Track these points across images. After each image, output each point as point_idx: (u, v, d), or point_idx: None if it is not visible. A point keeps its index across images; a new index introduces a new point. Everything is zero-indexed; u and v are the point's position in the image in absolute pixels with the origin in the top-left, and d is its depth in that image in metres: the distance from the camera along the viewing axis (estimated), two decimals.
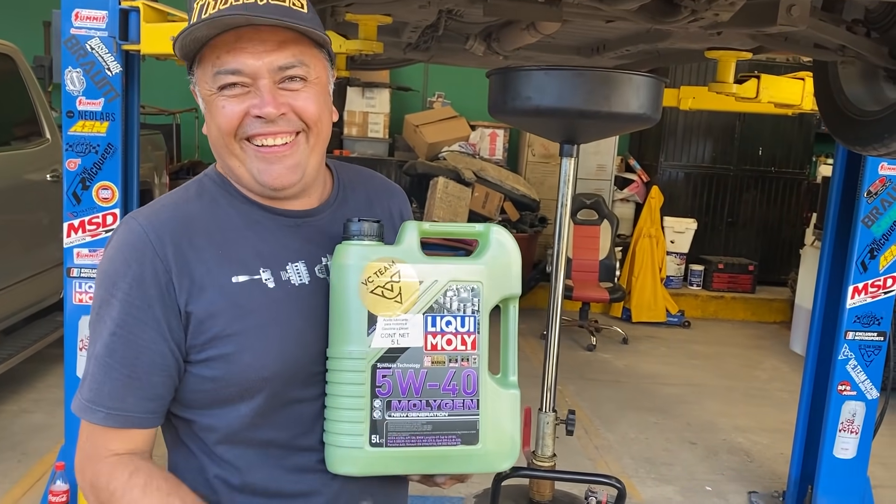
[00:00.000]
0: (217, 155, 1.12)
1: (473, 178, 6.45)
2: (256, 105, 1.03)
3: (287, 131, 1.06)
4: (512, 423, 1.10)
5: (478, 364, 1.07)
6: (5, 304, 3.67)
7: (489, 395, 1.07)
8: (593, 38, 2.67)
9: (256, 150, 1.06)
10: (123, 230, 1.06)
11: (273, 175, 1.06)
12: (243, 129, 1.05)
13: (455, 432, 1.06)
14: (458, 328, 1.06)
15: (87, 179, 2.74)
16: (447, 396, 1.06)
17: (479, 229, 1.11)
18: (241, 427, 1.07)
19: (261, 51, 1.02)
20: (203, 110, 1.09)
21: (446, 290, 1.06)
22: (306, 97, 1.06)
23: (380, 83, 6.78)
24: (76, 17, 2.65)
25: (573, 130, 1.52)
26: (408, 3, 1.77)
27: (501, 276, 1.09)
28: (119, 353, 1.02)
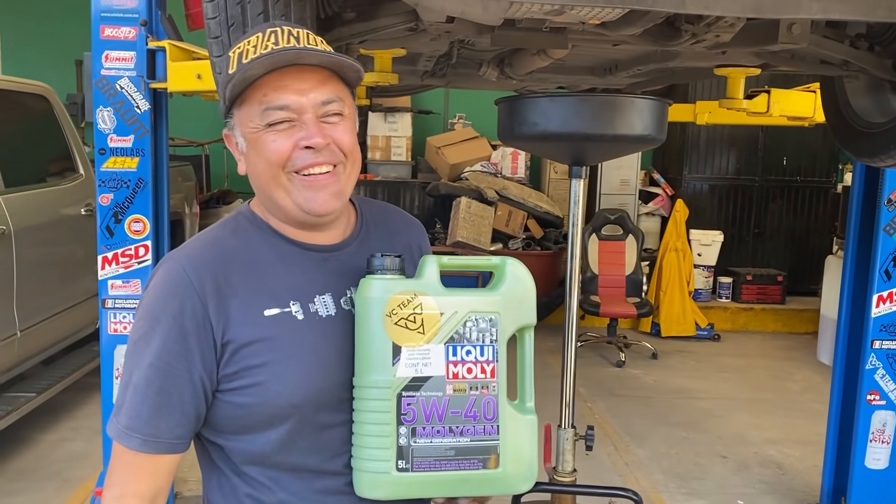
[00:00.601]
0: (261, 189, 1.18)
1: (496, 196, 6.50)
2: (304, 137, 1.11)
3: (330, 161, 1.13)
4: (530, 447, 1.15)
5: (497, 391, 1.12)
6: (45, 336, 3.80)
7: (508, 420, 1.12)
8: (605, 58, 2.71)
9: (303, 180, 1.13)
10: (165, 268, 1.14)
11: (319, 202, 1.13)
12: (292, 161, 1.12)
13: (477, 457, 1.11)
14: (477, 357, 1.11)
15: (119, 213, 2.85)
16: (469, 423, 1.11)
17: (495, 262, 1.16)
18: (272, 451, 1.13)
19: (305, 88, 1.11)
20: (242, 149, 1.17)
21: (466, 321, 1.11)
22: (344, 130, 1.15)
23: (401, 107, 6.88)
24: (106, 58, 2.78)
25: (580, 153, 1.56)
26: (419, 37, 1.84)
27: (517, 306, 1.14)
28: (156, 383, 1.09)
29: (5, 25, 7.40)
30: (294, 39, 1.12)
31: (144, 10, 2.75)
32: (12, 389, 3.62)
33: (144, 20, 2.74)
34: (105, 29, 2.77)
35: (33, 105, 4.19)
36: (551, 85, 3.69)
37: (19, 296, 3.50)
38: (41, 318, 3.72)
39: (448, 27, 1.67)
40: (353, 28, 1.70)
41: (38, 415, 3.93)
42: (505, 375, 1.13)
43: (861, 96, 2.01)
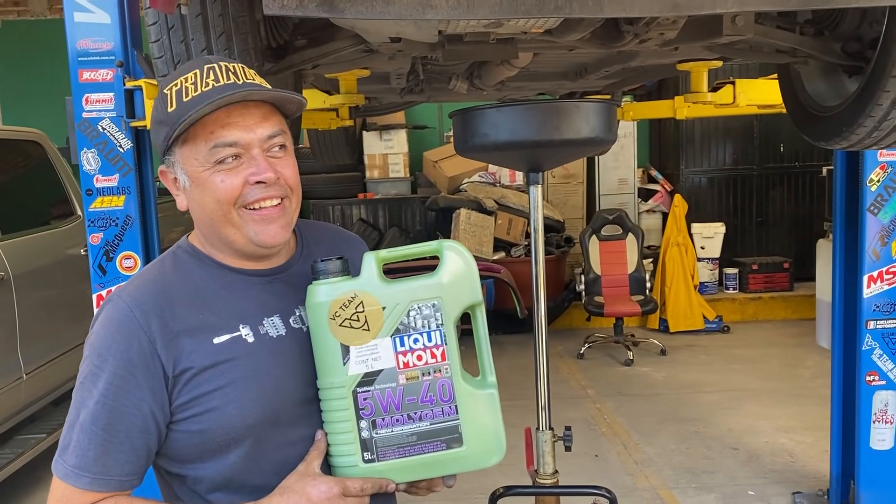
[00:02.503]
0: (207, 226, 1.19)
1: (495, 206, 6.53)
2: (255, 172, 1.14)
3: (279, 195, 1.16)
4: (494, 421, 1.18)
5: (450, 373, 1.16)
6: (51, 377, 3.86)
7: (466, 399, 1.16)
8: (572, 63, 2.75)
9: (253, 214, 1.16)
10: (110, 307, 1.15)
11: (270, 234, 1.17)
12: (243, 197, 1.15)
13: (439, 438, 1.16)
14: (425, 343, 1.15)
15: (110, 251, 2.90)
16: (426, 407, 1.15)
17: (432, 247, 1.19)
18: (234, 474, 1.16)
19: (251, 124, 1.14)
20: (184, 186, 1.18)
21: (409, 311, 1.15)
22: (287, 164, 1.18)
23: (396, 125, 6.94)
24: (86, 101, 2.84)
25: (533, 160, 1.59)
26: (376, 57, 1.88)
27: (459, 287, 1.16)
28: (103, 420, 1.09)
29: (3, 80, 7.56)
30: (233, 75, 1.14)
31: (120, 51, 2.81)
32: (23, 432, 3.68)
33: (121, 61, 2.80)
34: (83, 73, 2.83)
35: (28, 151, 4.28)
36: (530, 92, 3.73)
37: (23, 339, 3.57)
38: (46, 359, 3.79)
39: (397, 46, 1.71)
40: (305, 54, 1.74)
41: (50, 455, 3.98)
42: (457, 356, 1.16)
43: (816, 81, 2.02)
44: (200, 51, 1.44)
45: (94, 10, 2.79)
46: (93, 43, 2.83)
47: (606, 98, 3.74)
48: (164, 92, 1.17)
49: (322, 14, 1.13)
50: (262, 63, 1.52)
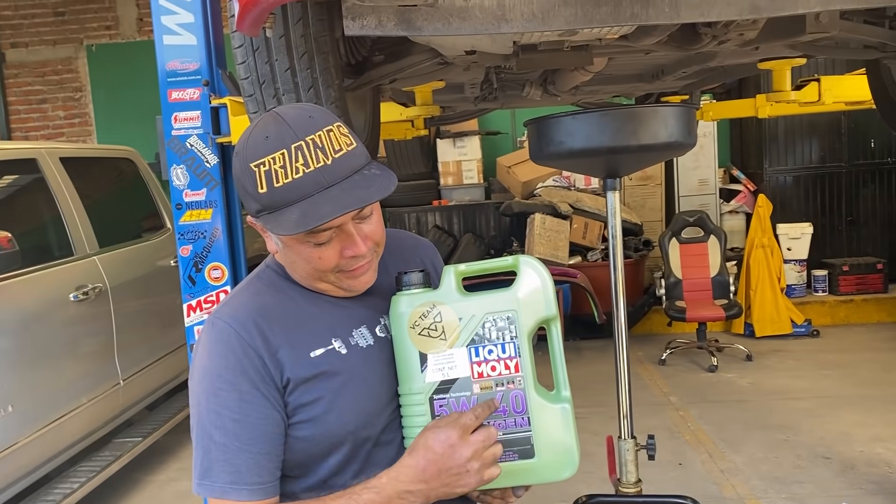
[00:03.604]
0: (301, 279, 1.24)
1: (570, 210, 6.48)
2: (349, 248, 1.18)
3: (369, 259, 1.22)
4: (566, 435, 1.18)
5: (524, 385, 1.18)
6: (146, 383, 4.05)
7: (539, 411, 1.18)
8: (648, 65, 2.71)
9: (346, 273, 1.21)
10: (213, 331, 1.20)
11: (361, 285, 1.24)
12: (338, 266, 1.20)
13: (511, 449, 1.18)
14: (499, 355, 1.18)
15: (199, 262, 3.03)
16: (499, 417, 1.18)
17: (509, 262, 1.22)
18: (328, 475, 1.22)
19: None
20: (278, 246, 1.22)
21: (484, 322, 1.18)
22: (375, 224, 1.21)
23: (469, 131, 6.98)
24: (175, 119, 2.98)
25: (610, 166, 1.58)
26: (451, 70, 1.91)
27: (534, 301, 1.19)
28: (246, 436, 1.15)
29: (97, 101, 7.98)
30: (321, 153, 1.11)
31: (206, 71, 2.94)
32: (120, 435, 3.87)
33: (207, 80, 2.93)
34: (172, 92, 2.98)
35: (122, 168, 4.51)
36: (605, 96, 3.70)
37: (119, 347, 3.75)
38: (141, 366, 3.97)
39: (472, 58, 1.73)
40: (383, 70, 1.78)
41: (146, 458, 4.17)
42: (531, 369, 1.18)
43: None
44: (284, 70, 1.49)
45: (181, 32, 2.92)
46: (181, 63, 2.96)
47: (684, 98, 3.67)
48: (251, 168, 1.13)
49: (401, 32, 1.17)
50: (342, 80, 1.57)
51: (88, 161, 4.15)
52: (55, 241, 3.59)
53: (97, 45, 7.95)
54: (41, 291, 3.29)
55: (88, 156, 4.27)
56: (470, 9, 1.12)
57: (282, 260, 1.25)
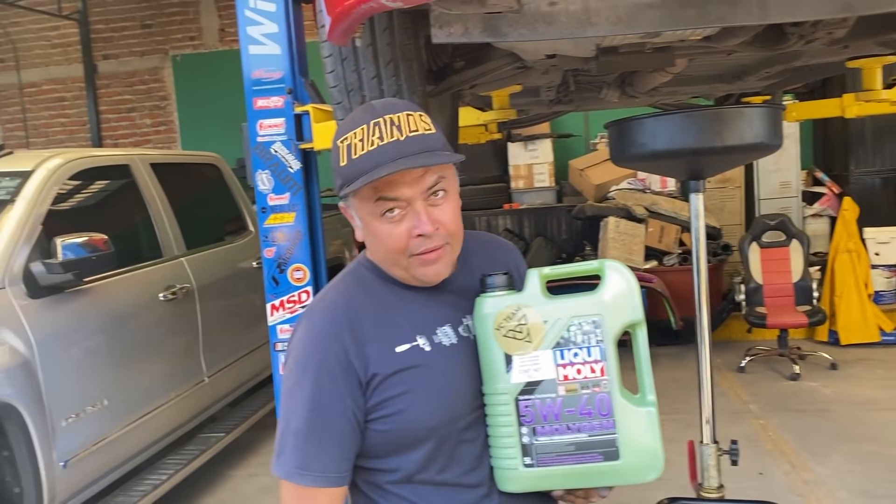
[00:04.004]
0: (380, 263, 1.32)
1: (646, 213, 6.38)
2: (416, 226, 1.23)
3: (439, 244, 1.25)
4: (652, 438, 1.20)
5: (609, 388, 1.19)
6: (229, 380, 4.20)
7: (624, 414, 1.19)
8: (730, 65, 2.67)
9: (417, 259, 1.25)
10: (306, 323, 1.29)
11: (431, 274, 1.27)
12: (409, 249, 1.24)
13: (596, 450, 1.19)
14: (585, 358, 1.20)
15: (282, 264, 3.13)
16: (584, 419, 1.19)
17: (595, 265, 1.24)
18: (416, 470, 1.26)
19: (411, 179, 1.21)
20: (358, 226, 1.30)
21: (570, 326, 1.20)
22: (447, 209, 1.26)
23: (541, 134, 6.96)
24: (260, 126, 3.09)
25: (693, 168, 1.57)
26: (529, 73, 1.93)
27: (620, 305, 1.20)
28: (318, 424, 1.22)
29: (182, 109, 8.31)
30: (396, 130, 1.20)
31: (289, 79, 3.04)
32: (205, 430, 4.02)
33: (290, 88, 3.03)
34: (257, 101, 3.09)
35: (207, 173, 4.69)
36: (683, 97, 3.64)
37: (205, 345, 3.90)
38: (225, 363, 4.12)
39: (552, 62, 1.74)
40: (464, 75, 1.81)
41: (228, 453, 4.32)
42: (617, 373, 1.19)
43: None
44: (370, 78, 1.54)
45: (266, 42, 3.03)
46: (265, 72, 3.07)
47: (766, 99, 3.58)
48: (337, 144, 1.26)
49: (486, 39, 1.19)
50: (424, 86, 1.61)
51: (176, 167, 4.34)
52: (146, 243, 3.76)
53: (182, 56, 8.27)
54: (133, 291, 3.45)
55: (176, 161, 4.46)
56: (555, 14, 1.14)
57: (366, 244, 1.31)
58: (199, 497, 3.96)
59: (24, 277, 2.83)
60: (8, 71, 8.52)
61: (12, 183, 3.12)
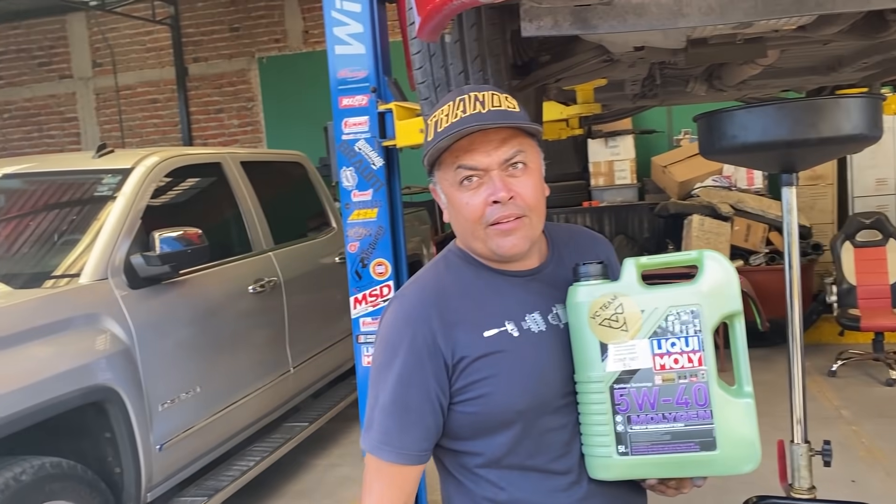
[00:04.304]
0: (462, 238, 1.37)
1: (731, 211, 6.21)
2: (491, 193, 1.26)
3: (515, 214, 1.27)
4: (749, 429, 1.19)
5: (706, 378, 1.18)
6: (312, 372, 4.31)
7: (721, 405, 1.18)
8: (825, 56, 2.57)
9: (493, 228, 1.28)
10: (397, 305, 1.34)
11: (507, 246, 1.28)
12: (485, 217, 1.27)
13: (692, 440, 1.19)
14: (682, 348, 1.19)
15: (364, 259, 3.20)
16: (681, 409, 1.19)
17: (693, 256, 1.23)
18: (502, 454, 1.28)
19: (489, 149, 1.26)
20: (444, 204, 1.35)
21: (667, 315, 1.20)
22: (525, 182, 1.28)
23: (622, 130, 6.86)
24: (345, 125, 3.16)
25: (786, 161, 1.53)
26: (615, 67, 1.92)
27: (719, 296, 1.19)
28: (400, 402, 1.27)
29: (267, 109, 8.57)
30: (479, 104, 1.26)
31: (373, 78, 3.10)
32: (289, 420, 4.15)
33: (374, 87, 3.09)
34: (342, 100, 3.16)
35: (293, 171, 4.83)
36: (773, 90, 3.53)
37: (291, 337, 4.03)
38: (309, 355, 4.23)
39: (639, 54, 1.73)
40: (549, 69, 1.81)
41: (311, 442, 4.44)
42: (714, 363, 1.18)
43: None
44: (458, 73, 1.57)
45: (352, 42, 3.10)
46: (350, 72, 3.14)
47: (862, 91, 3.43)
48: (427, 122, 1.33)
49: (576, 31, 1.20)
50: (509, 80, 1.62)
51: (264, 165, 4.48)
52: (236, 238, 3.91)
53: (267, 58, 8.53)
54: (225, 284, 3.59)
55: (264, 160, 4.61)
56: (646, 5, 1.13)
57: (451, 222, 1.34)
58: (283, 484, 4.09)
59: (125, 269, 2.99)
60: (106, 75, 8.98)
61: (114, 180, 3.30)
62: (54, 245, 3.15)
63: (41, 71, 9.16)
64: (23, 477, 2.31)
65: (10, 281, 2.83)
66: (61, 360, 2.56)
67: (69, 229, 3.19)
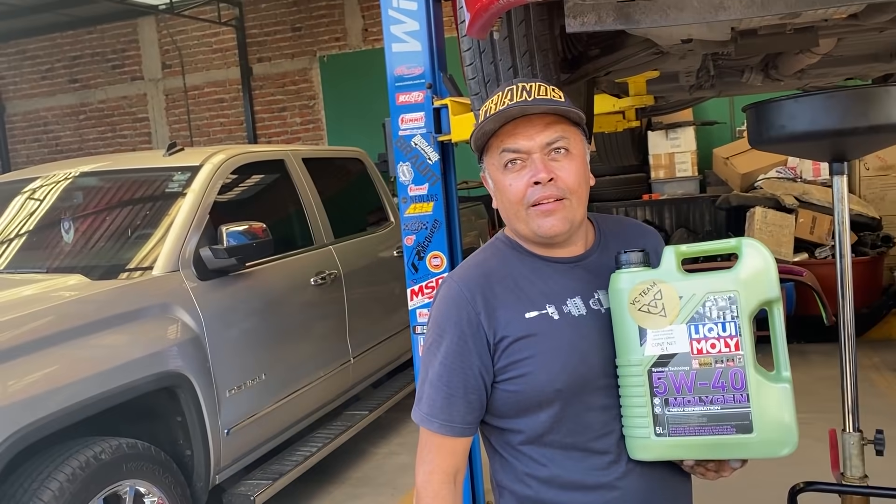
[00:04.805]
0: (507, 220, 1.43)
1: (795, 203, 6.07)
2: (533, 174, 1.33)
3: (555, 195, 1.34)
4: (787, 413, 1.21)
5: (743, 363, 1.21)
6: (372, 362, 4.42)
7: (758, 389, 1.21)
8: (887, 43, 2.52)
9: (535, 209, 1.35)
10: (445, 288, 1.43)
11: (547, 226, 1.35)
12: (527, 198, 1.34)
13: (729, 423, 1.22)
14: (720, 333, 1.22)
15: (421, 251, 3.28)
16: (717, 392, 1.22)
17: (731, 244, 1.26)
18: (543, 431, 1.35)
19: (532, 133, 1.34)
20: (492, 189, 1.42)
21: (705, 301, 1.24)
22: (566, 166, 1.34)
23: (683, 122, 6.77)
24: (402, 121, 3.24)
25: (836, 149, 1.53)
26: (666, 59, 1.93)
27: (757, 283, 1.22)
28: (446, 378, 1.35)
29: (328, 107, 8.74)
30: (525, 93, 1.34)
31: (429, 74, 3.17)
32: (350, 408, 4.27)
33: (430, 83, 3.16)
34: (399, 96, 3.24)
35: (352, 167, 4.95)
36: (835, 78, 3.46)
37: (351, 328, 4.14)
38: (368, 346, 4.35)
39: (688, 46, 1.74)
40: (598, 63, 1.85)
41: (371, 431, 4.56)
42: (751, 348, 1.21)
43: None
44: (507, 69, 1.62)
45: (408, 40, 3.18)
46: (407, 69, 3.22)
47: None
48: (478, 112, 1.40)
49: (619, 26, 1.24)
50: (559, 75, 1.66)
51: (325, 161, 4.61)
52: (299, 232, 4.04)
53: (328, 56, 8.71)
54: (288, 276, 3.72)
55: (325, 156, 4.74)
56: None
57: (499, 207, 1.41)
58: (345, 470, 4.21)
59: (194, 262, 3.14)
60: (175, 76, 9.31)
61: (183, 177, 3.46)
62: (128, 239, 3.32)
63: (114, 73, 9.56)
64: (102, 456, 2.47)
65: (89, 273, 3.01)
66: (136, 348, 2.72)
67: (142, 224, 3.36)
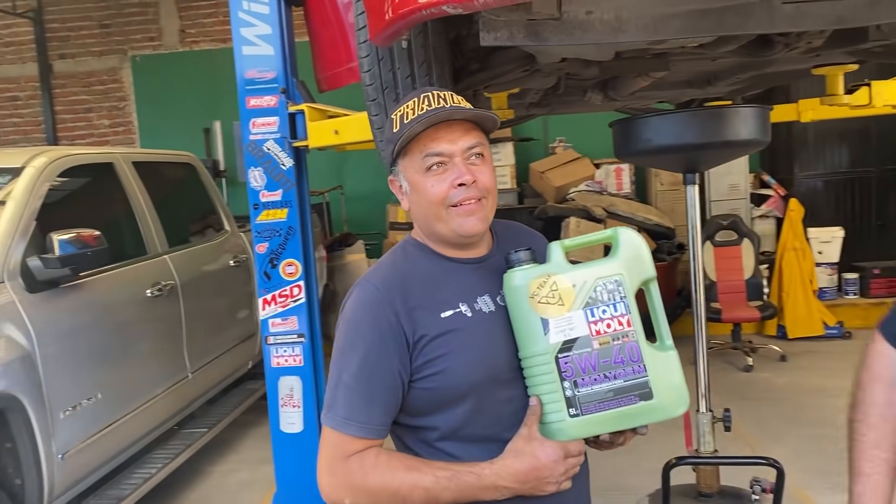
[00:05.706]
0: (423, 221, 1.48)
1: (604, 214, 6.62)
2: (457, 176, 1.40)
3: (476, 196, 1.42)
4: (677, 377, 1.36)
5: (636, 337, 1.35)
6: (210, 377, 4.24)
7: (651, 358, 1.35)
8: (704, 71, 2.86)
9: (456, 209, 1.41)
10: (360, 290, 1.44)
11: (469, 226, 1.42)
12: (449, 198, 1.41)
13: (633, 393, 1.34)
14: (612, 313, 1.35)
15: (274, 259, 3.22)
16: (619, 367, 1.34)
17: (608, 234, 1.41)
18: (459, 425, 1.40)
19: (454, 137, 1.40)
20: (406, 191, 1.47)
21: (596, 287, 1.36)
22: (483, 170, 1.43)
23: (503, 138, 7.14)
24: (253, 125, 3.17)
25: (693, 161, 1.74)
26: (533, 77, 2.08)
27: (636, 264, 1.37)
28: (365, 379, 1.37)
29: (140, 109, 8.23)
30: (442, 100, 1.41)
31: (282, 79, 3.13)
32: (188, 426, 4.06)
33: (284, 88, 3.12)
34: (250, 99, 3.17)
35: (183, 173, 4.72)
36: (651, 101, 3.85)
37: (188, 341, 3.95)
38: (206, 360, 4.16)
39: (561, 65, 1.90)
40: (479, 77, 1.95)
41: (208, 449, 4.36)
42: (639, 323, 1.35)
43: None
44: (405, 78, 1.67)
45: (259, 43, 3.12)
46: (258, 72, 3.16)
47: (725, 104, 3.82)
48: (391, 117, 1.45)
49: (529, 42, 1.34)
50: (453, 85, 1.74)
51: (155, 165, 4.36)
52: (131, 240, 3.79)
53: (141, 56, 8.20)
54: (124, 287, 3.48)
55: (155, 160, 4.48)
56: (591, 21, 1.29)
57: (412, 209, 1.47)
58: (183, 491, 3.99)
59: (21, 272, 2.85)
60: None
61: (3, 179, 3.13)
62: None
63: None
64: None
65: None
66: None
67: None
